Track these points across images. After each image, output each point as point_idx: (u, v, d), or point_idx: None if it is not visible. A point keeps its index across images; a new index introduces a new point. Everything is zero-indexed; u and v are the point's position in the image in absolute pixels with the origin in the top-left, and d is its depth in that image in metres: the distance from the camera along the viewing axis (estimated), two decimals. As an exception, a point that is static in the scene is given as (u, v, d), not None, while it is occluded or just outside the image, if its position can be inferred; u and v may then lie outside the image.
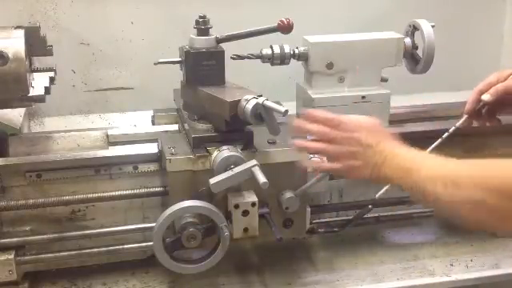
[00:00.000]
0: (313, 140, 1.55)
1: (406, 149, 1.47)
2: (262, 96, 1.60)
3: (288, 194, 1.71)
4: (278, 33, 1.70)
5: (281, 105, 1.57)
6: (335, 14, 2.44)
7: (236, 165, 1.59)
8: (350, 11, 2.46)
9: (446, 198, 1.31)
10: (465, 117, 1.66)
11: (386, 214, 1.99)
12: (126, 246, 1.76)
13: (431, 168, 1.36)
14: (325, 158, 1.57)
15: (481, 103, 1.60)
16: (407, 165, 1.40)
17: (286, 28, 1.68)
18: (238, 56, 1.81)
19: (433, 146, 1.65)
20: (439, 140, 1.66)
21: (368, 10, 2.47)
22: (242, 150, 1.66)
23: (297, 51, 1.85)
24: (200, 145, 1.67)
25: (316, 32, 1.92)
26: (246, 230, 1.65)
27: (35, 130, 2.13)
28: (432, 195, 1.33)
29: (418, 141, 1.93)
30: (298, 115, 1.62)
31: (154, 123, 1.98)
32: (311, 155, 1.66)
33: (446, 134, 1.66)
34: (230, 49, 1.77)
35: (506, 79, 1.60)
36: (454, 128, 1.66)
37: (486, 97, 1.58)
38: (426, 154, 1.48)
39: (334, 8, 2.44)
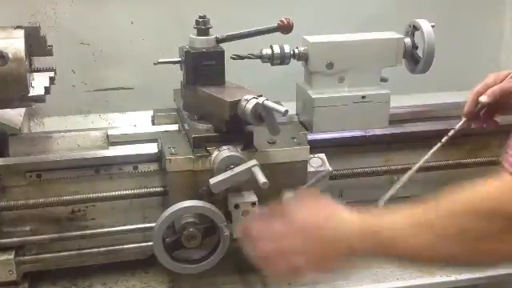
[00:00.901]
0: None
1: (360, 212, 1.34)
2: (261, 96, 1.60)
3: (288, 194, 1.71)
4: (278, 33, 1.70)
5: (281, 105, 1.57)
6: (335, 14, 2.44)
7: (236, 165, 1.59)
8: (350, 11, 2.46)
9: (429, 242, 1.23)
10: (463, 119, 1.66)
11: (385, 214, 1.99)
12: (125, 246, 1.76)
13: (400, 221, 1.27)
14: None
15: (478, 105, 1.60)
16: (373, 227, 1.29)
17: (286, 28, 1.68)
18: (238, 56, 1.81)
19: (433, 149, 1.65)
20: (438, 144, 1.66)
21: (368, 9, 2.47)
22: (242, 149, 1.66)
23: (297, 51, 1.85)
24: (200, 145, 1.66)
25: (316, 32, 1.92)
26: (246, 229, 1.65)
27: (35, 130, 2.13)
28: (410, 246, 1.25)
29: (418, 141, 1.96)
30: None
31: (154, 123, 1.98)
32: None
33: (446, 138, 1.66)
34: (230, 49, 1.77)
35: (502, 80, 1.60)
36: (453, 131, 1.67)
37: (483, 98, 1.58)
38: (383, 210, 1.36)
39: (333, 8, 2.44)
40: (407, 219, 1.27)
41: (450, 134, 1.66)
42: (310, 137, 1.84)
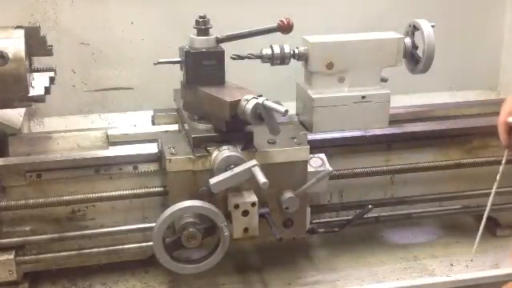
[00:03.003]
0: None
1: None
2: (261, 96, 1.60)
3: (288, 194, 1.71)
4: (278, 33, 1.70)
5: (281, 105, 1.57)
6: (335, 14, 2.44)
7: (236, 165, 1.59)
8: (350, 11, 2.46)
9: None
10: (506, 151, 1.70)
11: (385, 214, 1.99)
12: (125, 246, 1.76)
13: None
14: None
15: None
16: None
17: (286, 28, 1.68)
18: (238, 56, 1.82)
19: (494, 189, 1.71)
20: (495, 183, 1.71)
21: (368, 9, 2.47)
22: (242, 149, 1.66)
23: (297, 51, 1.85)
24: (200, 145, 1.67)
25: (316, 32, 1.92)
26: (246, 229, 1.65)
27: (35, 130, 2.13)
28: None
29: (418, 141, 1.96)
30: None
31: (154, 123, 1.98)
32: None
33: (499, 175, 1.71)
34: (230, 49, 1.77)
35: None
36: (502, 166, 1.72)
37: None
38: None
39: (334, 8, 2.44)
40: None
41: (501, 170, 1.72)
42: (310, 137, 1.84)
